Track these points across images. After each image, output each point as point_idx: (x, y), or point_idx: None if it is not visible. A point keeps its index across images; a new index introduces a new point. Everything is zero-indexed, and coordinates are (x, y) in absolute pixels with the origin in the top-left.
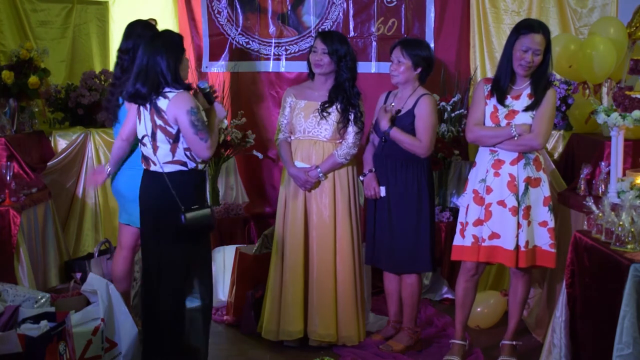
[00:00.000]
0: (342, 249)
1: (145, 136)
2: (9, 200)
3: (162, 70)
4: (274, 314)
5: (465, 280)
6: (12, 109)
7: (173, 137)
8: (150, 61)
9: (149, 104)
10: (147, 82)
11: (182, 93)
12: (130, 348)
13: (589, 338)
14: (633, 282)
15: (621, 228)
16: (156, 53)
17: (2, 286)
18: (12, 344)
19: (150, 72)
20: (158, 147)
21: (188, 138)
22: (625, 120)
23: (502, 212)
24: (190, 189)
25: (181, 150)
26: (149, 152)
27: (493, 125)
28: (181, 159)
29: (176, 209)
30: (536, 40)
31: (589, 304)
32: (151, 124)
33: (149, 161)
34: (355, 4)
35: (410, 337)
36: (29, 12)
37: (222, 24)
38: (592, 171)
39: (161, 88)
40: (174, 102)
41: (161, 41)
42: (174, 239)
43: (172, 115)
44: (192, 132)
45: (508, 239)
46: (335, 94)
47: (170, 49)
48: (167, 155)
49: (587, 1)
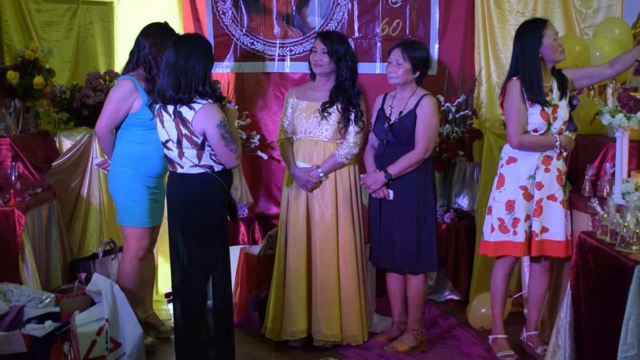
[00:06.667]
0: (345, 248)
1: (170, 141)
2: (14, 201)
3: (199, 74)
4: (278, 314)
5: (506, 275)
6: (17, 109)
7: (199, 146)
8: (188, 62)
9: (172, 111)
10: (179, 85)
11: (208, 105)
12: (135, 348)
13: (594, 339)
14: (638, 284)
15: (626, 229)
16: (192, 55)
17: (6, 286)
18: (17, 344)
19: (187, 73)
20: (184, 153)
21: (218, 150)
22: (630, 121)
23: (553, 205)
24: (216, 189)
25: (207, 155)
26: (174, 156)
27: (544, 122)
28: (207, 163)
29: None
30: (556, 29)
31: (594, 305)
32: (176, 132)
33: (174, 164)
34: (360, 4)
35: (414, 338)
36: (33, 12)
37: (227, 25)
38: (597, 172)
39: (193, 94)
40: (201, 114)
41: (196, 44)
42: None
43: (199, 127)
44: (223, 145)
45: (558, 231)
46: (335, 94)
47: (206, 53)
48: (194, 159)
49: (592, 2)
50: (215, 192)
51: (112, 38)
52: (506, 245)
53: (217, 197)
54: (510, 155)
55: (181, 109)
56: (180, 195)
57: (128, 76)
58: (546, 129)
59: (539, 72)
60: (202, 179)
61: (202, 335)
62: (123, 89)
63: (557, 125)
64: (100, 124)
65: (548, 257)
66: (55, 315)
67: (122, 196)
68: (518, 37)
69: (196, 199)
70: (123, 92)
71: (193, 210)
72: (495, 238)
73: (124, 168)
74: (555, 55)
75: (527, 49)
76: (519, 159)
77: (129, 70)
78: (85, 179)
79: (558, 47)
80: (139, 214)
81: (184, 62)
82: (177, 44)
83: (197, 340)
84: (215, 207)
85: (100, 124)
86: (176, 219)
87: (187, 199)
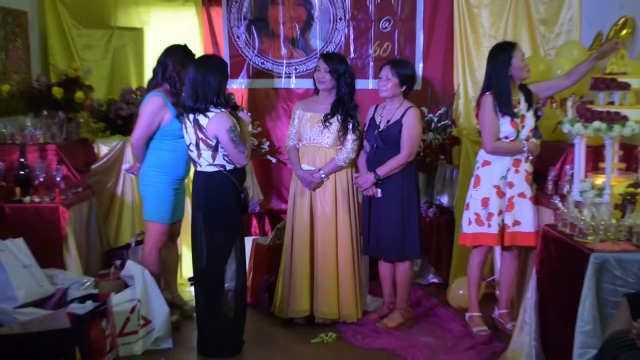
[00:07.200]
0: (343, 239)
1: (191, 144)
2: (59, 198)
3: (215, 88)
4: (285, 296)
5: (481, 262)
6: (61, 120)
7: (213, 148)
8: (205, 78)
9: (192, 119)
10: (197, 97)
11: (221, 114)
12: (163, 324)
13: (556, 316)
14: (593, 269)
15: (583, 222)
16: (209, 72)
17: (53, 272)
18: (62, 321)
19: (204, 87)
20: (201, 154)
21: (229, 151)
22: (587, 130)
23: (524, 202)
24: (228, 185)
25: (221, 156)
26: (195, 156)
27: (513, 131)
28: (221, 163)
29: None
30: (523, 51)
31: (556, 287)
32: (195, 137)
33: (196, 163)
34: (355, 30)
35: (402, 316)
36: (75, 37)
37: (241, 47)
38: (559, 174)
39: (209, 104)
40: (214, 122)
41: (213, 63)
42: (218, 227)
43: (212, 132)
44: (233, 147)
45: (529, 224)
46: (336, 107)
47: (222, 71)
48: (209, 160)
49: (555, 27)
50: (228, 187)
51: (143, 59)
52: (482, 236)
53: (230, 192)
54: (485, 159)
55: (198, 117)
56: (200, 189)
57: (157, 93)
58: (516, 136)
59: (509, 88)
60: (217, 176)
61: (220, 314)
62: (155, 105)
63: (524, 134)
64: (135, 136)
65: (518, 247)
66: (95, 297)
67: (152, 195)
68: (490, 58)
69: (212, 193)
70: (155, 107)
71: (210, 201)
72: (473, 230)
73: (155, 172)
74: (523, 73)
75: (499, 69)
76: (492, 162)
77: (156, 86)
78: (119, 180)
79: (525, 67)
80: (163, 212)
81: (202, 78)
82: (198, 63)
83: (216, 317)
84: (228, 200)
85: (135, 136)
86: (198, 208)
87: (205, 192)
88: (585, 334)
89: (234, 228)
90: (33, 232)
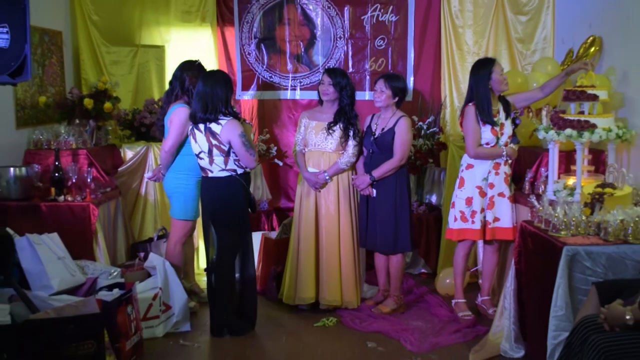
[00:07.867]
0: (344, 234)
1: (202, 152)
2: (89, 197)
3: (222, 99)
4: (292, 284)
5: (465, 254)
6: (91, 127)
7: (225, 153)
8: (213, 91)
9: (203, 128)
10: (207, 108)
11: (231, 121)
12: (181, 310)
13: (532, 303)
14: (565, 260)
15: (557, 219)
16: (217, 85)
17: (84, 262)
18: (92, 307)
19: (213, 98)
20: (214, 160)
21: (241, 155)
22: (560, 136)
23: (503, 200)
24: (238, 188)
25: (232, 160)
26: (205, 164)
27: (493, 137)
28: (232, 167)
29: (230, 203)
30: (502, 66)
31: (532, 276)
32: (207, 144)
33: (206, 171)
34: (353, 47)
35: (395, 302)
36: (104, 53)
37: (251, 63)
38: (534, 175)
39: (218, 114)
40: (227, 128)
41: (219, 77)
42: (228, 227)
43: (225, 137)
44: (244, 150)
45: (507, 220)
46: (338, 116)
47: (227, 83)
48: (221, 165)
49: (531, 45)
50: (237, 190)
51: (164, 73)
52: (466, 231)
53: (239, 194)
54: (469, 163)
55: (210, 125)
56: (211, 194)
57: (183, 104)
58: (495, 142)
59: (489, 99)
60: (228, 180)
61: (232, 300)
62: (184, 115)
63: (503, 140)
64: (169, 144)
65: (498, 240)
66: (121, 285)
67: (181, 196)
68: (473, 72)
69: (223, 196)
70: (184, 117)
71: (220, 204)
72: (458, 226)
73: (183, 175)
74: (501, 86)
75: (480, 82)
76: (475, 165)
77: (176, 98)
78: (143, 181)
79: (503, 80)
80: (191, 209)
81: (210, 90)
82: (205, 77)
83: (228, 304)
84: (238, 202)
85: (169, 144)
86: (208, 213)
87: (216, 197)
88: (558, 318)
89: (242, 225)
90: (66, 227)
